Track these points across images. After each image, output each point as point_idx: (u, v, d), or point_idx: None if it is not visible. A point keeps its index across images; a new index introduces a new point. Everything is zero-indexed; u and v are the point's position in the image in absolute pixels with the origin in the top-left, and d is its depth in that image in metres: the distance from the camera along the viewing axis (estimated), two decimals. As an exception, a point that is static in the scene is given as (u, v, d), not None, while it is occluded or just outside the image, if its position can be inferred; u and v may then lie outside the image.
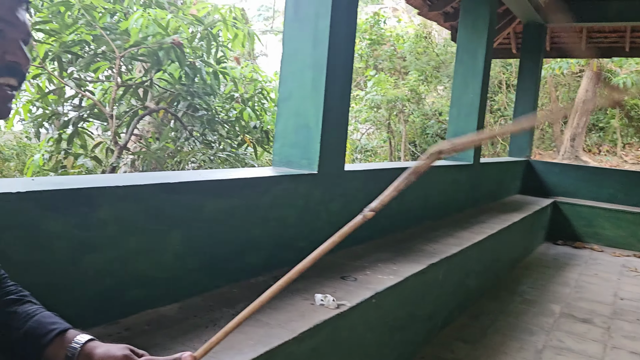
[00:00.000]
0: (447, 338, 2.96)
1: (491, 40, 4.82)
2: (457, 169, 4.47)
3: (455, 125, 4.87)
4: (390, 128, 16.01)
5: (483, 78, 4.76)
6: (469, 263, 3.41)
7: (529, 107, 6.97)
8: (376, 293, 2.17)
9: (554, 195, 6.73)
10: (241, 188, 2.09)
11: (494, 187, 5.63)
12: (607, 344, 3.08)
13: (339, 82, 2.61)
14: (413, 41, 15.91)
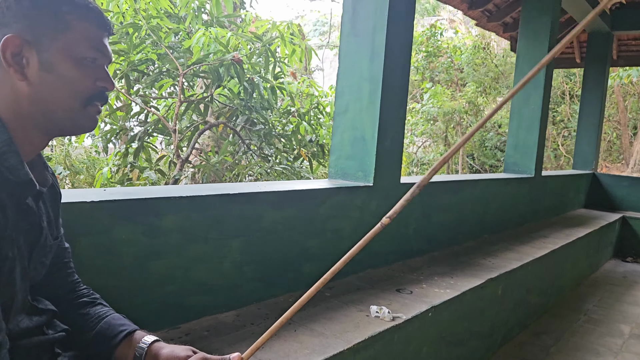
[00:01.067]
0: (507, 356, 2.87)
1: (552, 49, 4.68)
2: (517, 182, 4.34)
3: (516, 137, 4.74)
4: (448, 141, 15.76)
5: (545, 89, 4.62)
6: (529, 279, 3.30)
7: (594, 118, 6.70)
8: (432, 307, 2.14)
9: (623, 210, 6.40)
10: (298, 200, 2.14)
11: (556, 200, 5.42)
12: (683, 369, 2.89)
13: (395, 95, 2.62)
14: (471, 52, 15.65)
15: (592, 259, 4.99)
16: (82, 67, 0.93)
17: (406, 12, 2.59)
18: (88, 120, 0.97)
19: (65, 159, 7.65)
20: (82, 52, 0.93)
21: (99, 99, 0.97)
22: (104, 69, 0.97)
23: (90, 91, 0.95)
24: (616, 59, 7.61)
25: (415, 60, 16.42)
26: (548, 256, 3.57)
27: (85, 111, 0.96)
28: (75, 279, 1.18)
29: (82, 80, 0.93)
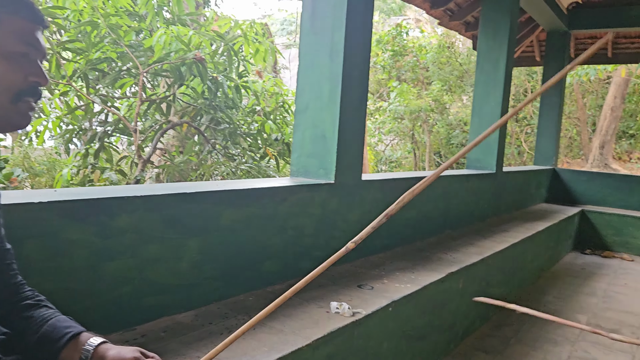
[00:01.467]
0: (468, 348, 2.92)
1: (512, 48, 4.79)
2: (478, 178, 4.43)
3: (477, 134, 4.84)
4: (415, 139, 15.95)
5: (504, 86, 4.72)
6: (490, 272, 3.37)
7: (553, 115, 6.88)
8: (393, 301, 2.17)
9: (582, 204, 6.60)
10: (258, 198, 2.13)
11: (518, 195, 5.55)
12: (635, 355, 3.00)
13: (355, 92, 2.64)
14: (436, 51, 15.87)
15: (552, 252, 5.12)
16: (11, 61, 0.91)
17: (364, 10, 2.61)
18: (19, 116, 0.95)
19: (24, 161, 7.43)
20: (11, 46, 0.91)
21: (30, 94, 0.95)
22: (36, 64, 0.95)
23: (19, 86, 0.92)
24: (574, 57, 7.83)
25: (381, 60, 16.57)
26: (508, 249, 3.65)
27: (16, 107, 0.93)
28: (19, 281, 1.15)
29: (10, 75, 0.91)
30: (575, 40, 7.59)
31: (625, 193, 6.42)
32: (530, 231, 4.29)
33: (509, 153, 15.22)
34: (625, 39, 7.35)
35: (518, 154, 15.26)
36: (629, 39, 7.32)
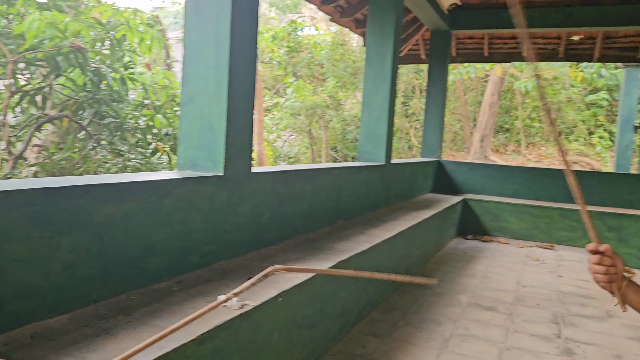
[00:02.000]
0: (359, 333, 3.02)
1: (398, 45, 5.00)
2: (369, 170, 4.58)
3: (367, 128, 5.00)
4: (312, 134, 16.19)
5: (391, 82, 4.92)
6: (380, 259, 3.50)
7: (437, 110, 7.30)
8: (283, 292, 2.17)
9: (464, 193, 7.09)
10: (139, 192, 2.02)
11: (406, 186, 5.83)
12: (509, 329, 3.27)
13: (243, 83, 2.60)
14: (330, 48, 16.20)
15: (437, 238, 5.45)
16: None
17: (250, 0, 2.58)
18: None
19: None
20: None
21: None
22: None
23: None
24: (455, 55, 8.38)
25: (277, 55, 16.61)
26: (397, 237, 3.82)
27: None
28: None
29: None
30: (456, 40, 8.11)
31: (501, 182, 6.99)
32: (417, 219, 4.53)
33: (400, 147, 15.95)
34: (500, 40, 7.99)
35: (409, 148, 16.04)
36: (502, 39, 7.96)
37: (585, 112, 15.35)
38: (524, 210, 6.38)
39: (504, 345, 2.98)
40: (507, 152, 15.31)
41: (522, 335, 3.17)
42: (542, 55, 7.92)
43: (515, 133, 15.72)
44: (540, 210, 6.31)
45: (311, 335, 2.53)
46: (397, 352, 2.79)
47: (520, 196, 6.84)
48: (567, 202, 6.54)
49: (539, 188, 6.79)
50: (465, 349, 2.90)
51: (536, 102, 15.34)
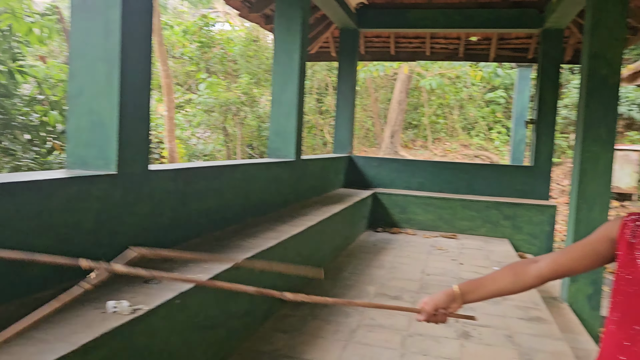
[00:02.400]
0: (268, 330, 2.99)
1: (305, 42, 5.02)
2: (278, 166, 4.56)
3: (277, 124, 4.98)
4: (227, 131, 15.92)
5: (299, 78, 4.93)
6: (288, 255, 3.49)
7: (348, 107, 7.44)
8: (181, 293, 2.10)
9: (375, 187, 7.28)
10: (15, 194, 1.86)
11: (317, 182, 5.88)
12: (412, 316, 3.38)
13: (137, 76, 2.48)
14: (243, 44, 16.00)
15: (348, 232, 5.54)
16: None
17: (142, -11, 2.46)
18: None
19: None
20: None
21: None
22: None
23: None
24: (364, 53, 8.56)
25: (189, 50, 16.15)
26: (306, 232, 3.83)
27: None
28: None
29: None
30: (364, 38, 8.29)
31: (409, 176, 7.26)
32: (327, 214, 4.58)
33: (315, 144, 16.11)
34: (405, 39, 8.27)
35: (323, 145, 16.23)
36: (408, 39, 8.24)
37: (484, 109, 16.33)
38: (429, 202, 6.66)
39: (407, 333, 3.08)
40: (416, 147, 15.94)
41: (425, 322, 3.29)
42: (444, 54, 8.30)
43: (423, 129, 16.41)
44: (444, 201, 6.62)
45: (215, 336, 2.47)
46: (305, 346, 2.79)
47: (426, 189, 7.14)
48: (468, 194, 6.91)
49: (443, 181, 7.12)
50: (371, 338, 2.96)
51: (441, 100, 16.09)
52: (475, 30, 7.34)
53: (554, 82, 6.85)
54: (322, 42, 8.39)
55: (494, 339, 3.07)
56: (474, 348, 2.91)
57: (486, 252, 5.57)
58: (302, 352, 2.72)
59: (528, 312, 3.61)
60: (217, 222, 3.45)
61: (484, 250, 5.67)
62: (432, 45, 8.24)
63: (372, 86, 16.16)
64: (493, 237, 6.40)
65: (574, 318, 4.08)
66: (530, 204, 6.39)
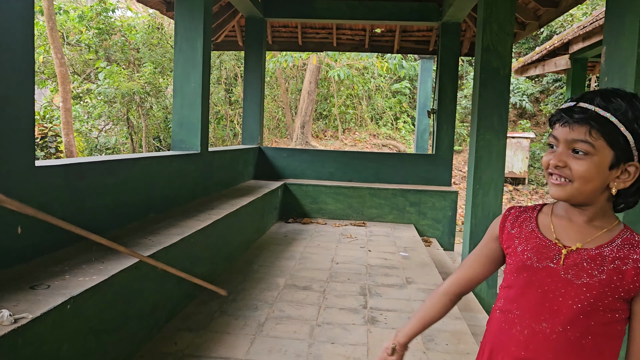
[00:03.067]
0: (172, 330, 2.89)
1: (209, 31, 4.87)
2: (183, 159, 4.40)
3: (180, 115, 4.80)
4: (131, 123, 15.19)
5: (203, 68, 4.78)
6: (194, 250, 3.39)
7: (256, 97, 7.35)
8: (72, 297, 1.96)
9: (286, 178, 7.27)
10: None
11: (226, 174, 5.76)
12: (321, 306, 3.43)
13: (15, 64, 2.26)
14: (146, 32, 15.29)
15: (259, 224, 5.50)
16: None
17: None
18: None
19: None
20: None
21: None
22: None
23: None
24: (271, 43, 8.50)
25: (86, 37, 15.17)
26: (212, 226, 3.74)
27: None
28: None
29: None
30: (272, 27, 8.23)
31: (319, 166, 7.33)
32: (235, 207, 4.50)
33: (225, 135, 15.83)
34: (312, 30, 8.30)
35: (234, 136, 15.99)
36: (315, 29, 8.28)
37: (391, 99, 16.88)
38: (339, 191, 6.77)
39: (316, 322, 3.11)
40: (326, 138, 16.15)
41: (333, 310, 3.35)
42: (351, 45, 8.44)
43: (333, 119, 16.65)
44: (353, 190, 6.76)
45: (113, 340, 2.34)
46: (211, 343, 2.73)
47: (336, 179, 7.25)
48: (376, 182, 7.12)
49: (352, 170, 7.27)
50: (280, 330, 2.96)
51: (350, 90, 16.40)
52: (379, 22, 7.52)
53: (453, 73, 7.20)
54: (229, 31, 8.22)
55: (400, 322, 3.18)
56: (380, 333, 3.00)
57: (393, 238, 5.77)
58: (209, 350, 2.65)
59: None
60: (117, 219, 3.27)
61: (391, 236, 5.86)
62: (339, 36, 8.34)
63: (282, 77, 16.12)
64: (400, 224, 6.64)
65: (473, 297, 4.34)
66: (433, 190, 6.70)
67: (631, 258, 1.05)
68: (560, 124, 1.07)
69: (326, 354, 2.68)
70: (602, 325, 1.06)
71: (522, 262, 1.15)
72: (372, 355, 2.68)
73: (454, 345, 2.87)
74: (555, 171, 1.07)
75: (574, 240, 1.11)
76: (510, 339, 1.14)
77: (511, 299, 1.16)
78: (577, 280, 1.07)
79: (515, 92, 16.50)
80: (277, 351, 2.68)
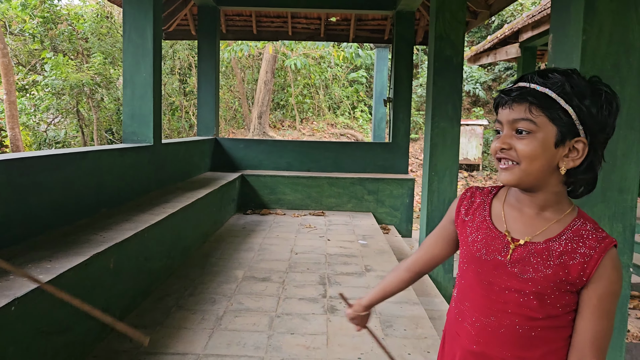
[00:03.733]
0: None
1: (159, 18, 4.73)
2: (134, 151, 4.27)
3: (131, 106, 4.65)
4: (81, 115, 14.67)
5: (154, 57, 4.64)
6: (148, 245, 3.31)
7: (211, 88, 7.22)
8: (16, 299, 1.87)
9: (243, 169, 7.19)
10: None
11: (181, 166, 5.64)
12: (280, 297, 3.41)
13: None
14: (94, 21, 14.75)
15: (216, 216, 5.42)
16: None
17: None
18: None
19: None
20: None
21: None
22: None
23: None
24: (226, 32, 8.35)
25: (30, 27, 14.51)
26: (167, 220, 3.65)
27: None
28: None
29: None
30: (225, 16, 8.08)
31: (277, 156, 7.28)
32: (191, 199, 4.41)
33: (181, 126, 15.52)
34: (267, 18, 8.20)
35: (190, 128, 15.70)
36: (269, 18, 8.19)
37: (348, 88, 16.93)
38: (297, 181, 6.75)
39: (275, 314, 3.09)
40: (284, 128, 16.07)
41: (293, 300, 3.34)
42: (306, 34, 8.39)
43: (290, 109, 16.57)
44: (311, 180, 6.75)
45: (64, 341, 2.25)
46: (167, 339, 2.67)
47: (294, 169, 7.22)
48: (334, 172, 7.13)
49: (310, 160, 7.26)
50: (238, 323, 2.92)
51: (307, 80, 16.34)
52: (334, 11, 7.50)
53: (408, 62, 7.27)
54: (181, 19, 8.02)
55: (358, 309, 3.19)
56: (339, 321, 3.01)
57: (352, 227, 5.80)
58: (165, 346, 2.59)
59: (389, 281, 3.81)
60: (66, 216, 3.14)
61: (350, 225, 5.90)
62: (294, 25, 8.28)
63: (238, 66, 15.90)
64: (358, 212, 6.68)
65: (430, 282, 4.42)
66: (391, 178, 6.77)
67: (578, 252, 1.03)
68: (502, 106, 1.06)
69: (286, 345, 2.67)
70: (550, 318, 1.05)
71: (471, 253, 1.15)
72: (331, 344, 2.69)
73: (412, 330, 2.91)
74: (502, 155, 1.05)
75: (523, 233, 1.09)
76: (462, 331, 1.15)
77: (463, 291, 1.17)
78: (523, 274, 1.06)
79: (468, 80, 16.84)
80: (236, 344, 2.65)
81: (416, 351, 2.66)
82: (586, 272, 1.02)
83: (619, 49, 2.25)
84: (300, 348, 2.64)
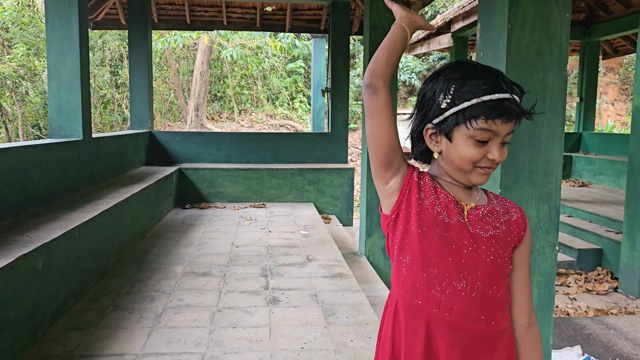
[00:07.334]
0: (59, 330, 2.69)
1: (84, 6, 4.50)
2: (62, 147, 4.07)
3: (58, 99, 4.42)
4: (4, 110, 13.79)
5: (81, 47, 4.42)
6: (80, 244, 3.16)
7: (143, 79, 6.98)
8: None
9: (180, 163, 7.02)
10: None
11: (113, 161, 5.43)
12: (222, 291, 3.36)
13: None
14: (15, 9, 13.86)
15: (153, 212, 5.26)
16: None
17: None
18: None
19: None
20: None
21: None
22: None
23: None
24: (157, 22, 8.07)
25: (-59, 15, 13.45)
26: (100, 217, 3.51)
27: None
28: None
29: None
30: (156, 5, 7.81)
31: (215, 149, 7.15)
32: (125, 195, 4.26)
33: (114, 120, 14.94)
34: (201, 7, 8.00)
35: (123, 121, 15.13)
36: (203, 7, 7.99)
37: (286, 79, 16.85)
38: (237, 174, 6.67)
39: (217, 308, 3.05)
40: (222, 120, 15.80)
41: (234, 294, 3.31)
42: (242, 24, 8.26)
43: (228, 101, 16.31)
44: (251, 172, 6.68)
45: (-12, 349, 2.12)
46: (103, 341, 2.57)
47: (233, 161, 7.12)
48: (274, 163, 7.10)
49: (249, 152, 7.18)
50: (179, 320, 2.86)
51: (244, 71, 16.13)
52: (269, 0, 7.42)
53: (345, 52, 7.31)
54: (109, 8, 7.68)
55: (301, 300, 3.21)
56: (281, 312, 3.01)
57: (293, 217, 5.80)
58: (101, 348, 2.50)
59: (331, 270, 3.86)
60: (-14, 216, 2.95)
61: (291, 216, 5.90)
62: (229, 15, 8.13)
63: (172, 57, 15.45)
64: (299, 203, 6.69)
65: (371, 269, 4.50)
66: (330, 168, 6.82)
67: (512, 210, 1.17)
68: (503, 119, 1.05)
69: (228, 339, 2.64)
70: (506, 277, 1.13)
71: (432, 216, 1.10)
72: (274, 336, 2.69)
73: (354, 317, 2.96)
74: (494, 165, 1.10)
75: (467, 201, 1.15)
76: (429, 300, 1.09)
77: (425, 258, 1.09)
78: (485, 233, 1.11)
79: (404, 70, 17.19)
80: (176, 341, 2.60)
81: (358, 337, 2.70)
82: (523, 228, 1.16)
83: (541, 37, 2.35)
84: (242, 341, 2.62)
